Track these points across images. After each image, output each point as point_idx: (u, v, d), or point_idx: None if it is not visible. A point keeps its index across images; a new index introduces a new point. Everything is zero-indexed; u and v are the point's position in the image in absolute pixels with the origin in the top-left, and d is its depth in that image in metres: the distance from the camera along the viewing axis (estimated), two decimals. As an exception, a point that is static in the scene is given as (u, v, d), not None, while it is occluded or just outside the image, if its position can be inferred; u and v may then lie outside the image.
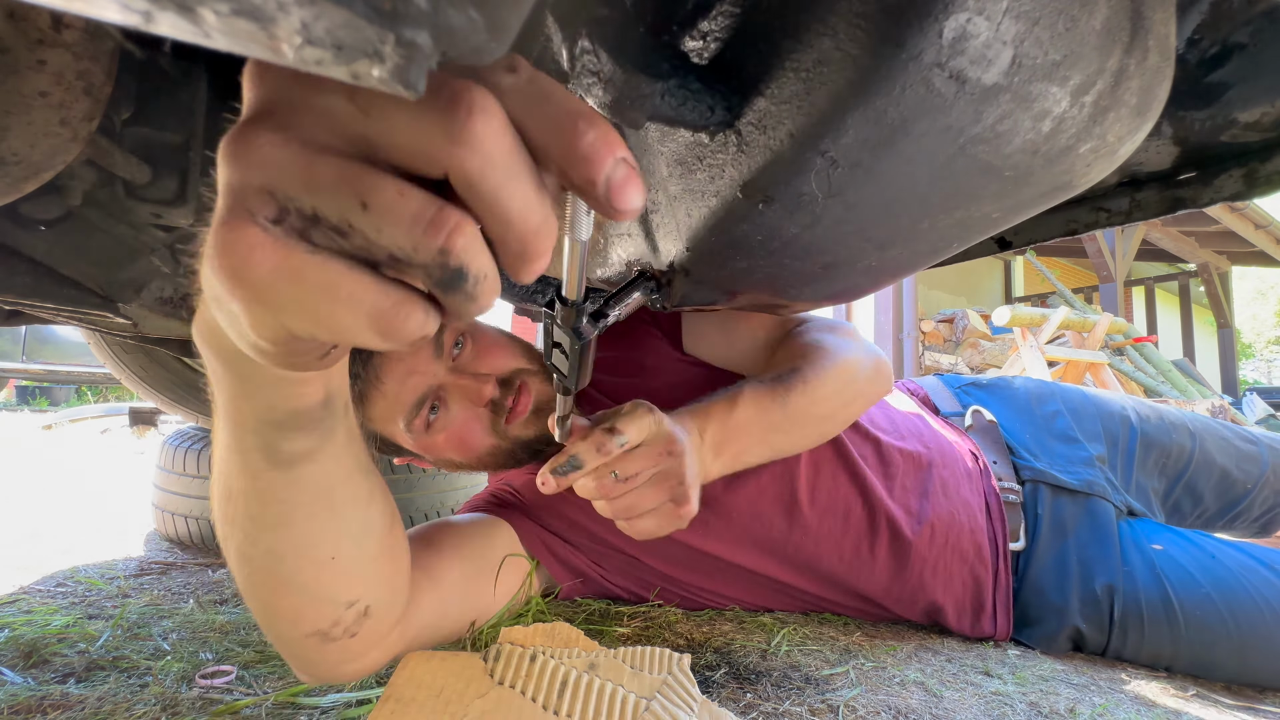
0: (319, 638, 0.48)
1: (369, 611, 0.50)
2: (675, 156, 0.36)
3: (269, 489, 0.40)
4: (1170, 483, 1.04)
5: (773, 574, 0.86)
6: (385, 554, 0.51)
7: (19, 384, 7.52)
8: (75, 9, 0.17)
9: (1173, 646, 0.79)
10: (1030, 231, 0.58)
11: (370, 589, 0.50)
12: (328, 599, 0.47)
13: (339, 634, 0.48)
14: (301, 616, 0.47)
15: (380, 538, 0.50)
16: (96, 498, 1.85)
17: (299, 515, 0.42)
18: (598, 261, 0.49)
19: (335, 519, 0.44)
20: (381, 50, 0.18)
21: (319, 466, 0.40)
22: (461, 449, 0.76)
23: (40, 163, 0.41)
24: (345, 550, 0.46)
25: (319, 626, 0.47)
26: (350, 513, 0.45)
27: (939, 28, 0.24)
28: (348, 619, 0.48)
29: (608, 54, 0.28)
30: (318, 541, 0.44)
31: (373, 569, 0.50)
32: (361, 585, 0.49)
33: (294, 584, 0.45)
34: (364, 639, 0.51)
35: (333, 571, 0.45)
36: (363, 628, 0.50)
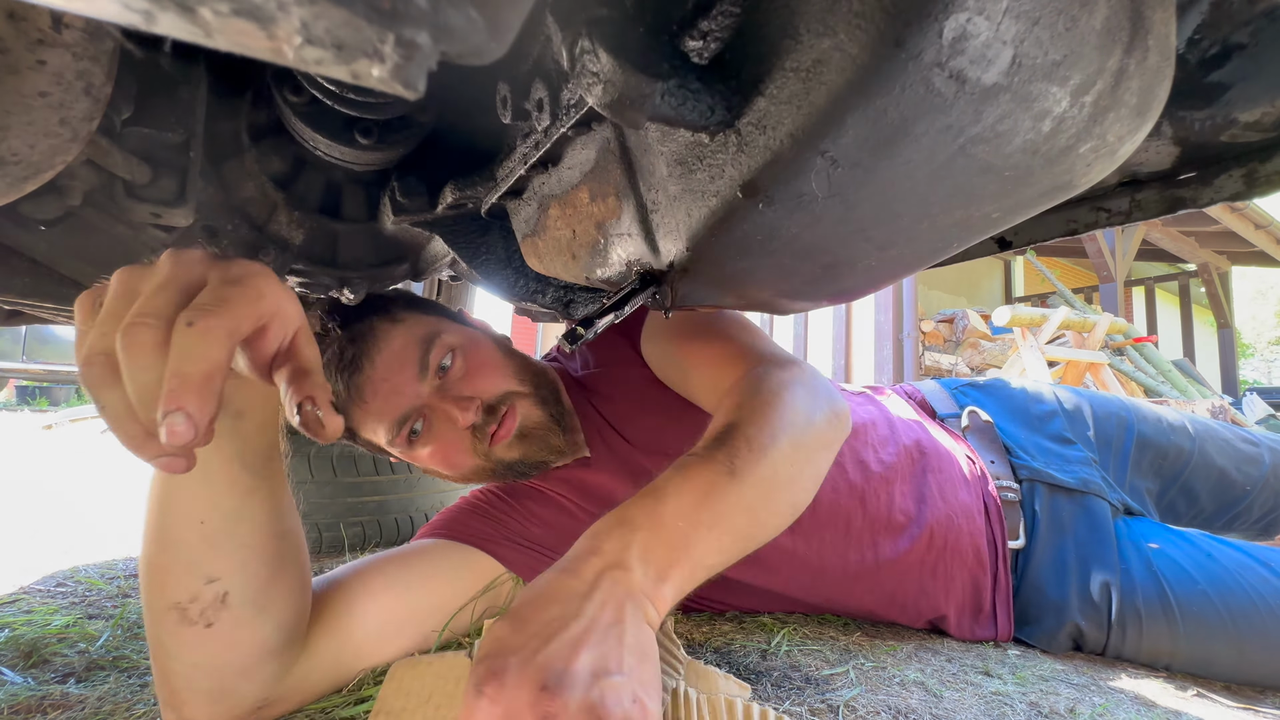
0: (177, 613, 0.49)
1: (227, 600, 0.50)
2: (675, 156, 0.36)
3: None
4: (1166, 484, 1.04)
5: (776, 587, 0.85)
6: (261, 552, 0.52)
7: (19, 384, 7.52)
8: (76, 9, 0.17)
9: (1171, 644, 0.79)
10: (1030, 231, 0.58)
11: (234, 574, 0.51)
12: (190, 563, 0.49)
13: (195, 614, 0.49)
14: (167, 579, 0.49)
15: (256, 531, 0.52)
16: (96, 498, 1.85)
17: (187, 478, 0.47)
18: (598, 262, 0.49)
19: (208, 489, 0.49)
20: (381, 50, 0.18)
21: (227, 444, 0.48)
22: (445, 464, 0.75)
23: (40, 163, 0.41)
24: (214, 521, 0.49)
25: (178, 597, 0.49)
26: (223, 489, 0.49)
27: (939, 27, 0.24)
28: (205, 596, 0.50)
29: (608, 54, 0.28)
30: (192, 501, 0.49)
31: (241, 554, 0.51)
32: (225, 564, 0.50)
33: (167, 539, 0.49)
34: (221, 638, 0.50)
35: (199, 535, 0.49)
36: (219, 619, 0.50)
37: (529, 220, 0.54)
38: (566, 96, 0.35)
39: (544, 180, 0.50)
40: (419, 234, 0.73)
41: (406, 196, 0.58)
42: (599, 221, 0.46)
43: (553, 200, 0.50)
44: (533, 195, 0.52)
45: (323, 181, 0.68)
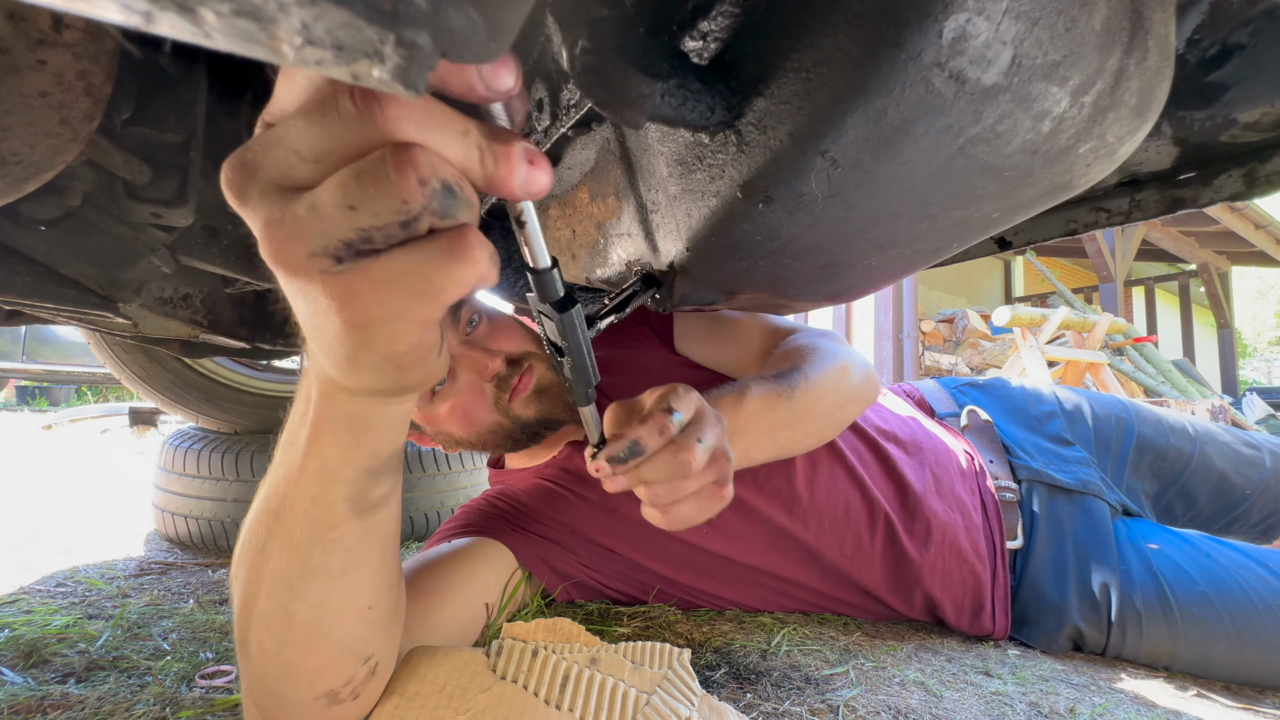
0: (328, 699, 0.46)
1: (376, 670, 0.48)
2: (675, 156, 0.36)
3: (343, 538, 0.40)
4: (1163, 485, 1.04)
5: (775, 570, 0.86)
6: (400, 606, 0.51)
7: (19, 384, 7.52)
8: (76, 9, 0.17)
9: (1171, 645, 0.79)
10: (1030, 231, 0.58)
11: (384, 644, 0.49)
12: (353, 652, 0.46)
13: (347, 695, 0.47)
14: (324, 674, 0.45)
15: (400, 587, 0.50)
16: (96, 498, 1.85)
17: (361, 561, 0.42)
18: (597, 261, 0.49)
19: (384, 568, 0.45)
20: (382, 50, 0.18)
21: (390, 511, 0.42)
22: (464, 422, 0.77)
23: (40, 163, 0.41)
24: (381, 601, 0.46)
25: (334, 685, 0.46)
26: (391, 564, 0.46)
27: (939, 28, 0.24)
28: (360, 676, 0.47)
29: (608, 54, 0.28)
30: (365, 589, 0.44)
31: (391, 620, 0.49)
32: (380, 639, 0.48)
33: (330, 638, 0.44)
34: (364, 701, 0.49)
35: (366, 622, 0.45)
36: (366, 689, 0.48)
37: (529, 220, 0.54)
38: (566, 96, 0.35)
39: (544, 180, 0.50)
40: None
41: (406, 196, 0.58)
42: (599, 222, 0.46)
43: (552, 200, 0.50)
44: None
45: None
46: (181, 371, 1.37)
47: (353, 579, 0.42)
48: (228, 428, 1.40)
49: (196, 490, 1.28)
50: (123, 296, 0.69)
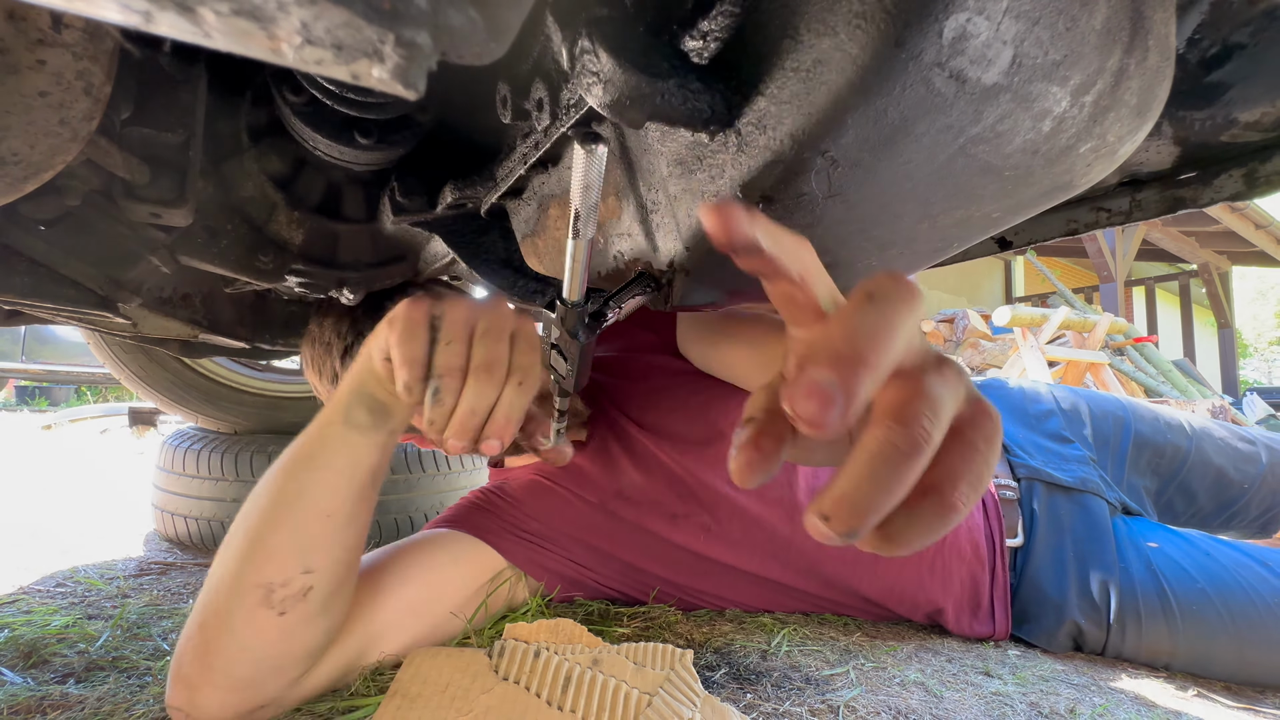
0: (263, 591, 0.53)
1: (309, 595, 0.54)
2: (675, 156, 0.36)
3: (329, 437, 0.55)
4: (1163, 482, 1.04)
5: (775, 576, 0.86)
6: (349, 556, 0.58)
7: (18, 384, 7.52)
8: (76, 9, 0.17)
9: (1171, 643, 0.79)
10: (1030, 231, 0.58)
11: (326, 571, 0.55)
12: (302, 550, 0.54)
13: (277, 601, 0.53)
14: (272, 558, 0.53)
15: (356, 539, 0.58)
16: (96, 498, 1.85)
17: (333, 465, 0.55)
18: (597, 261, 0.49)
19: (347, 489, 0.55)
20: (381, 50, 0.18)
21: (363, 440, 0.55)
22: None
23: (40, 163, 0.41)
24: (338, 518, 0.55)
25: (273, 577, 0.53)
26: (355, 495, 0.56)
27: (939, 27, 0.24)
28: (295, 584, 0.54)
29: (607, 54, 0.28)
30: (329, 494, 0.55)
31: (339, 554, 0.56)
32: (325, 559, 0.55)
33: (291, 522, 0.54)
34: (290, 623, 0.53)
35: (321, 526, 0.54)
36: (293, 610, 0.53)
37: (529, 220, 0.54)
38: (566, 96, 0.35)
39: (544, 180, 0.50)
40: (418, 234, 0.73)
41: (406, 196, 0.58)
42: (599, 221, 0.46)
43: (552, 200, 0.50)
44: (532, 195, 0.52)
45: (322, 181, 0.68)
46: (181, 371, 1.37)
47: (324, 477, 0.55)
48: (227, 428, 1.40)
49: (196, 490, 1.28)
50: (122, 296, 0.69)
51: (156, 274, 0.70)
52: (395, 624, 0.65)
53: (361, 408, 0.55)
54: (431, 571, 0.71)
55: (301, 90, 0.53)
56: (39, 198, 0.53)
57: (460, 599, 0.72)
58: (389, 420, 0.56)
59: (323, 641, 0.57)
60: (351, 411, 0.55)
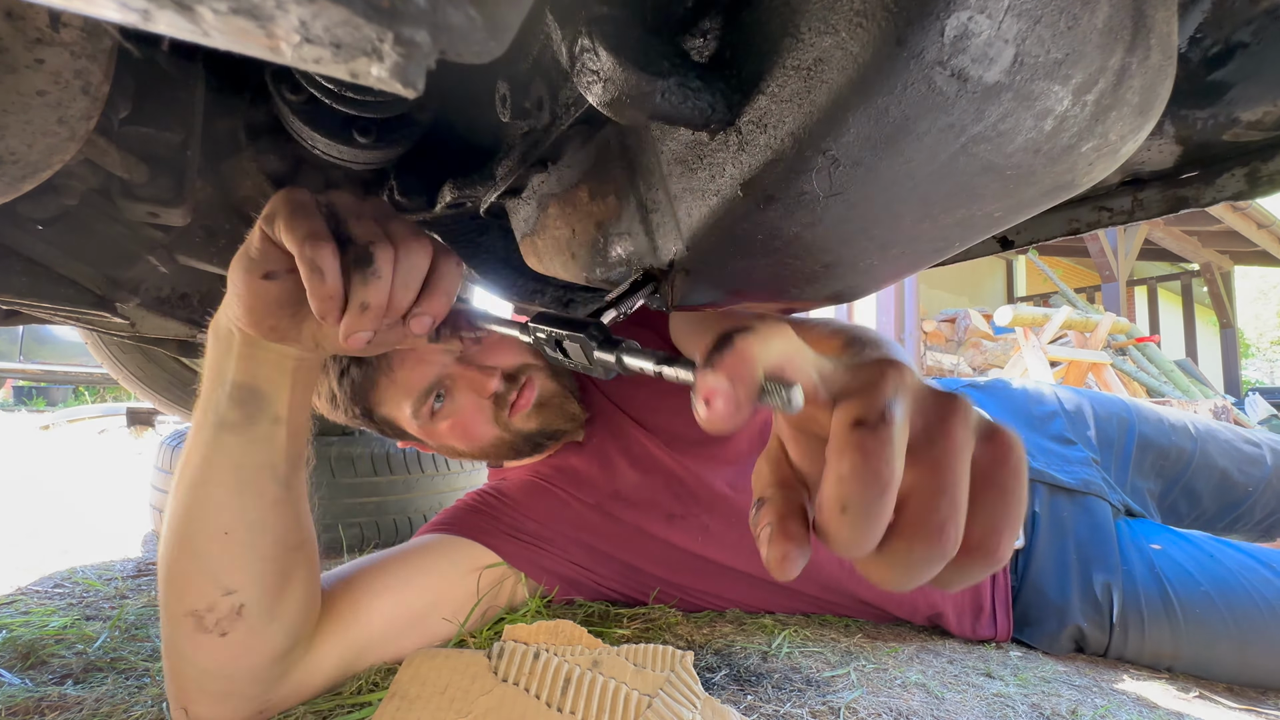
0: (194, 620, 0.50)
1: (242, 612, 0.51)
2: (675, 155, 0.36)
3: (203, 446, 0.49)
4: (1167, 484, 1.04)
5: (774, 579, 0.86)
6: (276, 564, 0.53)
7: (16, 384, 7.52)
8: (75, 8, 0.17)
9: (1173, 646, 0.79)
10: (1032, 231, 0.58)
11: (251, 586, 0.51)
12: (211, 573, 0.50)
13: (211, 623, 0.50)
14: (187, 587, 0.50)
15: (275, 544, 0.53)
16: (94, 498, 1.84)
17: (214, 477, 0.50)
18: (597, 261, 0.49)
19: (238, 495, 0.50)
20: (380, 48, 0.18)
21: (236, 440, 0.49)
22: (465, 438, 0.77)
23: (38, 162, 0.41)
24: (238, 531, 0.50)
25: (196, 605, 0.50)
26: (251, 499, 0.51)
27: (940, 26, 0.24)
28: (221, 607, 0.50)
29: (607, 52, 0.28)
30: (219, 509, 0.50)
31: (258, 566, 0.52)
32: (243, 576, 0.51)
33: (190, 547, 0.50)
34: (233, 646, 0.51)
35: (222, 546, 0.50)
36: (234, 629, 0.50)
37: (528, 219, 0.54)
38: (566, 95, 0.35)
39: (543, 179, 0.50)
40: (418, 234, 0.72)
41: (405, 195, 0.58)
42: (599, 220, 0.45)
43: (552, 199, 0.50)
44: (532, 194, 0.52)
45: (321, 180, 0.68)
46: (179, 371, 1.36)
47: (210, 494, 0.50)
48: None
49: (196, 491, 1.28)
50: (120, 296, 0.69)
51: (154, 273, 0.70)
52: (394, 630, 0.65)
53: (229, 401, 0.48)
54: (430, 576, 0.71)
55: (300, 89, 0.52)
56: (37, 197, 0.53)
57: (458, 603, 0.72)
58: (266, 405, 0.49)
59: (286, 643, 0.55)
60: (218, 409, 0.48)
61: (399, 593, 0.67)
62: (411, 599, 0.68)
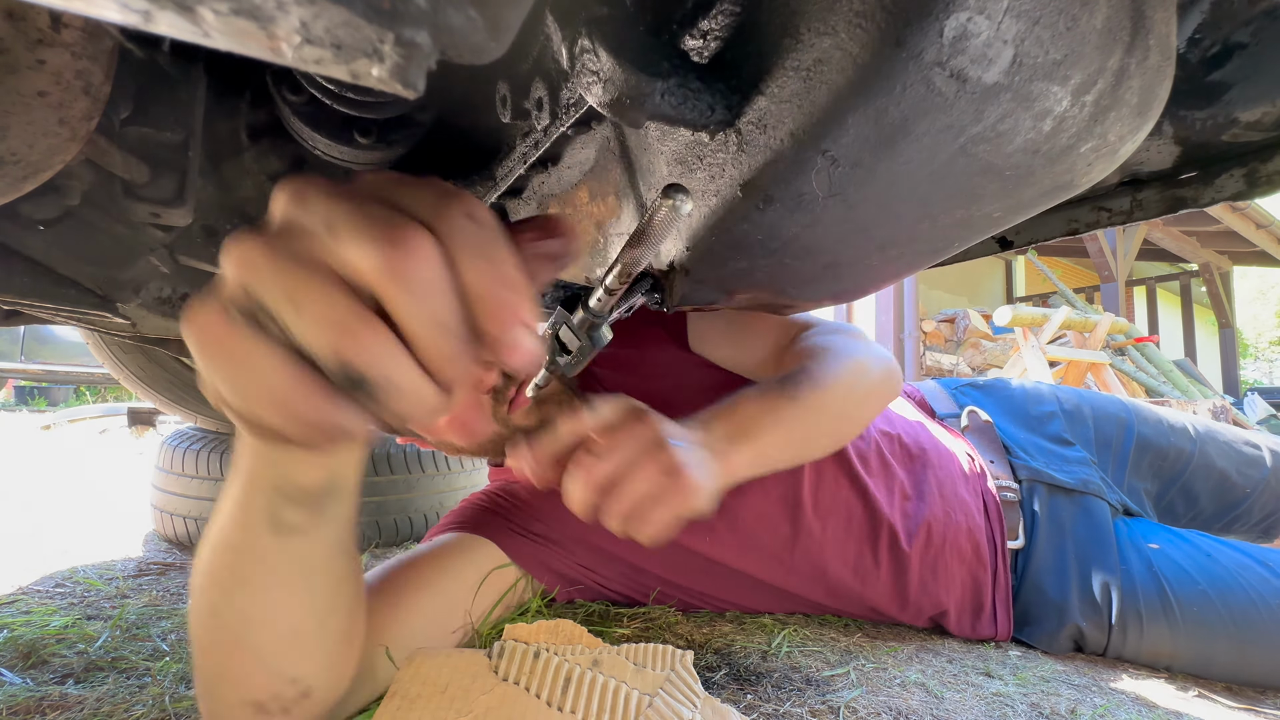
0: (255, 709, 0.47)
1: (309, 693, 0.48)
2: (675, 156, 0.36)
3: (260, 552, 0.42)
4: (1165, 485, 1.04)
5: (778, 582, 0.86)
6: (344, 637, 0.50)
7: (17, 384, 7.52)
8: (75, 9, 0.17)
9: (1172, 645, 0.79)
10: (1031, 231, 0.58)
11: (318, 671, 0.49)
12: (276, 671, 0.46)
13: (275, 709, 0.47)
14: (247, 683, 0.46)
15: (344, 619, 0.49)
16: (95, 498, 1.85)
17: (277, 582, 0.43)
18: (597, 261, 0.49)
19: (308, 595, 0.45)
20: (381, 49, 0.18)
21: (308, 542, 0.42)
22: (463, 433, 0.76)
23: (39, 162, 0.41)
24: (307, 627, 0.46)
25: (258, 697, 0.46)
26: (322, 591, 0.46)
27: (939, 26, 0.24)
28: (287, 695, 0.47)
29: (607, 53, 0.28)
30: (286, 613, 0.45)
31: (327, 651, 0.49)
32: (312, 665, 0.48)
33: (251, 648, 0.45)
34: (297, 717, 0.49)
35: (290, 645, 0.46)
36: (299, 708, 0.48)
37: (529, 220, 0.54)
38: (566, 96, 0.35)
39: (543, 180, 0.50)
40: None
41: (406, 196, 0.58)
42: (599, 221, 0.46)
43: (552, 200, 0.50)
44: (532, 195, 0.52)
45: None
46: (180, 371, 1.36)
47: (273, 598, 0.44)
48: (226, 428, 1.40)
49: (195, 491, 1.28)
50: (121, 296, 0.69)
51: (156, 274, 0.70)
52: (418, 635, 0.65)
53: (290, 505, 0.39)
54: (450, 578, 0.71)
55: (301, 90, 0.52)
56: (38, 197, 0.53)
57: (480, 606, 0.73)
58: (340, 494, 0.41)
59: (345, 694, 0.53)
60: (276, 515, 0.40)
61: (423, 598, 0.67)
62: (435, 603, 0.68)
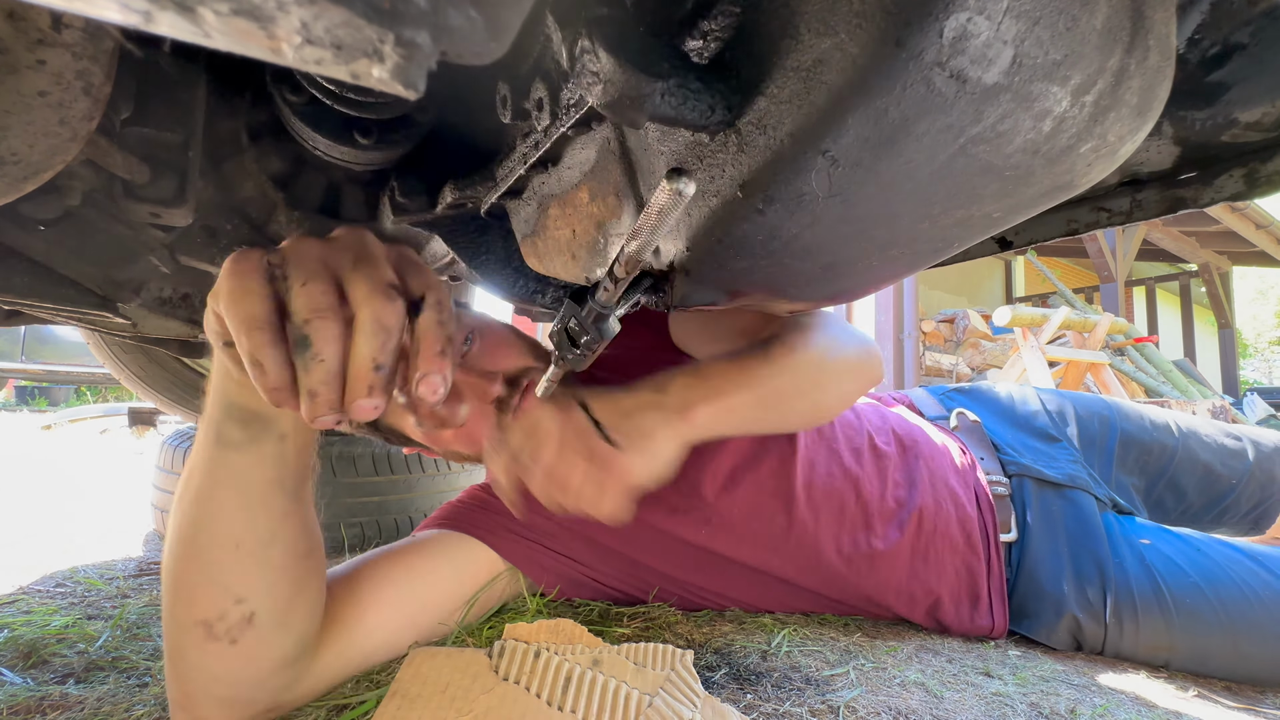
0: (203, 629, 0.50)
1: (253, 620, 0.51)
2: (675, 156, 0.36)
3: (208, 463, 0.49)
4: (1152, 480, 1.06)
5: (774, 571, 0.86)
6: (287, 573, 0.53)
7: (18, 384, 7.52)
8: (76, 9, 0.17)
9: (1168, 638, 0.80)
10: (1031, 231, 0.58)
11: (261, 595, 0.51)
12: (221, 583, 0.50)
13: (221, 631, 0.50)
14: (195, 596, 0.50)
15: (285, 554, 0.52)
16: (96, 498, 1.85)
17: (222, 493, 0.49)
18: (597, 261, 0.49)
19: (247, 510, 0.50)
20: (381, 50, 0.18)
21: (243, 458, 0.48)
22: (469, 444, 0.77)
23: (39, 162, 0.41)
24: (249, 544, 0.50)
25: (206, 614, 0.50)
26: (260, 513, 0.50)
27: (939, 27, 0.24)
28: (232, 616, 0.50)
29: (607, 53, 0.28)
30: (229, 522, 0.50)
31: (270, 576, 0.52)
32: (254, 585, 0.51)
33: (200, 559, 0.50)
34: (243, 655, 0.51)
35: (234, 558, 0.50)
36: (243, 636, 0.51)
37: (529, 220, 0.54)
38: (566, 96, 0.35)
39: (544, 180, 0.50)
40: (418, 234, 0.73)
41: (406, 196, 0.58)
42: (599, 221, 0.46)
43: (552, 200, 0.50)
44: (532, 195, 0.52)
45: (322, 181, 0.68)
46: (181, 371, 1.37)
47: (217, 505, 0.49)
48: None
49: (196, 490, 1.28)
50: (122, 296, 0.69)
51: (156, 274, 0.70)
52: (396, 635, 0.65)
53: (231, 422, 0.47)
54: (428, 576, 0.71)
55: (301, 90, 0.53)
56: (38, 197, 0.53)
57: (457, 603, 0.72)
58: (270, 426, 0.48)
59: (295, 650, 0.55)
60: (221, 429, 0.48)
61: (401, 593, 0.67)
62: (413, 602, 0.68)
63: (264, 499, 0.50)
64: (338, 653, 0.60)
